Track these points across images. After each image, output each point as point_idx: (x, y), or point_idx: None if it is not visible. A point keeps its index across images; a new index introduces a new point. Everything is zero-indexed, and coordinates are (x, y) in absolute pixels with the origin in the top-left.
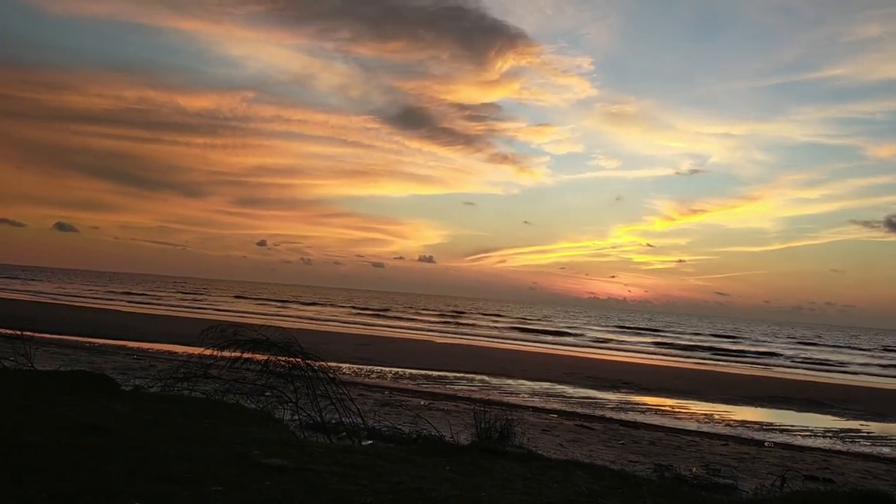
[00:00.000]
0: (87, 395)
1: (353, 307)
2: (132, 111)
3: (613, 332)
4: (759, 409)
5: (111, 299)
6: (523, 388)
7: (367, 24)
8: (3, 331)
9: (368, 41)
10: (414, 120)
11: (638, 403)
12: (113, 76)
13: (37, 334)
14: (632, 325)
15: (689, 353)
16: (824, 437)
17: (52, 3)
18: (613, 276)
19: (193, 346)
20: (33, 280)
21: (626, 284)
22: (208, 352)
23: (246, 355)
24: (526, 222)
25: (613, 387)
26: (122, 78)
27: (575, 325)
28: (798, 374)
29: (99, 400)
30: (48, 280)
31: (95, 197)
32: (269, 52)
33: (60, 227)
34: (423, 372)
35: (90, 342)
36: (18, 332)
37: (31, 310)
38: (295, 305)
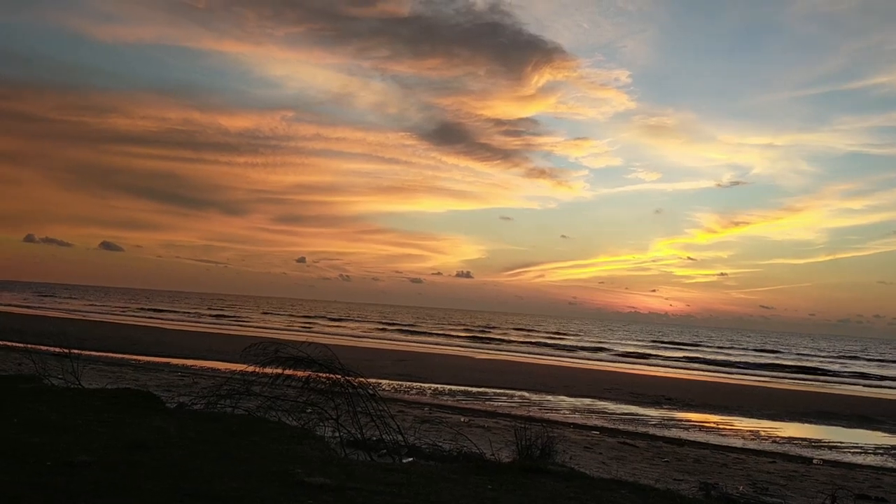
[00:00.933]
0: (133, 413)
1: (392, 322)
2: (176, 132)
3: (654, 346)
4: (806, 425)
5: (154, 317)
6: (564, 405)
7: (404, 42)
8: (52, 349)
9: (405, 59)
10: (451, 136)
11: (681, 420)
12: (157, 98)
13: (84, 352)
14: (673, 340)
15: (732, 368)
16: (875, 454)
17: (99, 29)
18: (654, 291)
19: (235, 362)
20: (80, 298)
21: (667, 298)
22: (250, 369)
23: (287, 372)
24: (563, 236)
25: (656, 403)
26: (166, 100)
27: (615, 339)
28: (846, 388)
29: (144, 418)
30: (94, 298)
31: (140, 216)
32: (309, 71)
33: (106, 246)
34: (463, 388)
35: (135, 359)
36: (67, 350)
37: (79, 328)
38: (334, 321)
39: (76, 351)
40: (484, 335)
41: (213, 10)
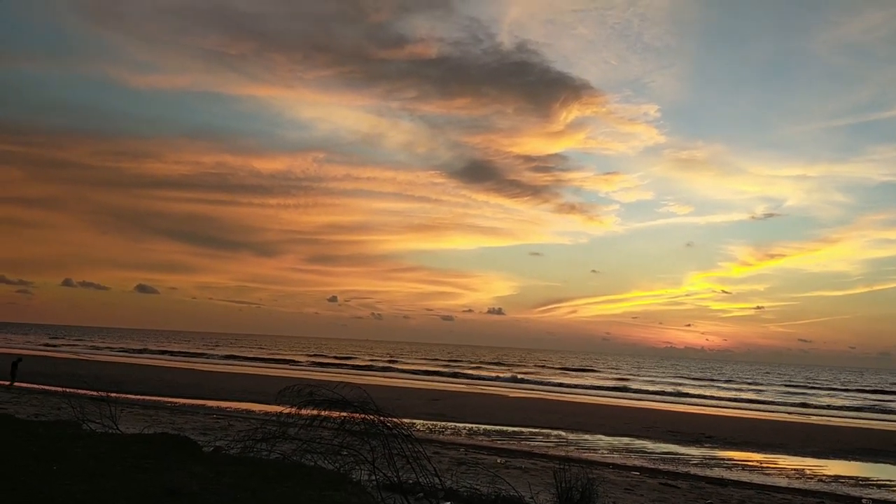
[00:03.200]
0: (170, 458)
1: (425, 358)
2: (210, 175)
3: (691, 382)
4: (853, 462)
5: (189, 359)
6: (602, 444)
7: (433, 83)
8: (90, 392)
9: (434, 99)
10: (480, 173)
11: (723, 458)
12: (191, 143)
13: (121, 395)
14: (711, 375)
15: (773, 404)
16: None
17: (135, 77)
18: (689, 325)
19: (270, 404)
20: (116, 341)
21: (703, 333)
22: (285, 411)
23: (323, 413)
24: (594, 271)
25: (696, 441)
26: (200, 144)
27: (651, 376)
28: (892, 424)
29: (182, 464)
30: (130, 341)
31: (174, 259)
32: (339, 113)
33: (141, 288)
34: (498, 427)
35: (171, 402)
36: (104, 394)
37: (116, 370)
38: (366, 360)
39: (113, 394)
40: (517, 373)
41: (245, 56)
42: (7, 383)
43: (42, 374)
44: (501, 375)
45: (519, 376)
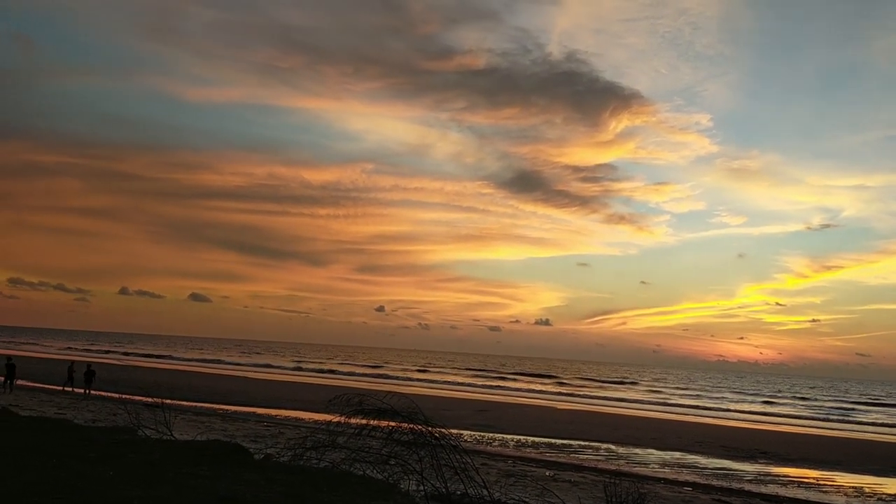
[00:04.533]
0: (222, 465)
1: (470, 370)
2: (262, 186)
3: (744, 396)
4: None
5: (239, 366)
6: (652, 458)
7: (481, 93)
8: (145, 399)
9: (482, 110)
10: (528, 183)
11: (778, 475)
12: (244, 155)
13: (175, 402)
14: (764, 390)
15: (829, 420)
16: None
17: (191, 90)
18: (742, 338)
19: (319, 412)
20: (171, 348)
21: (756, 346)
22: (334, 419)
23: (371, 423)
24: (643, 282)
25: (750, 457)
26: (252, 156)
27: (702, 389)
28: None
29: (234, 471)
30: (184, 348)
31: (227, 268)
32: (388, 124)
33: (195, 297)
34: (546, 440)
35: (223, 409)
36: (159, 401)
37: (170, 378)
38: (413, 370)
39: (168, 401)
40: (566, 384)
41: (296, 69)
42: (82, 390)
43: (98, 381)
44: (548, 388)
45: (567, 388)
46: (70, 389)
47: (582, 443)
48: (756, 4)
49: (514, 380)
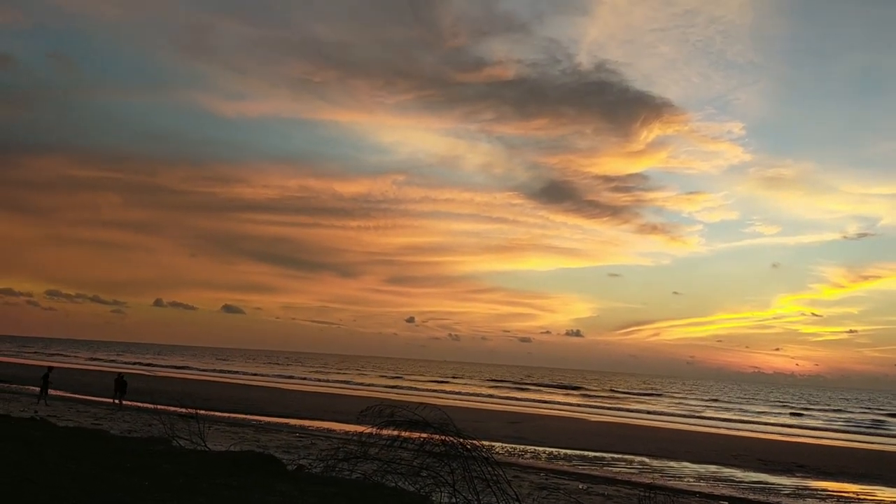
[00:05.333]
0: (255, 476)
1: (502, 382)
2: (294, 199)
3: (780, 408)
4: None
5: (272, 377)
6: (687, 472)
7: (511, 104)
8: (179, 409)
9: (512, 120)
10: (558, 194)
11: (816, 489)
12: (277, 168)
13: (209, 412)
14: (802, 402)
15: (868, 433)
16: None
17: (225, 105)
18: (778, 349)
19: (351, 423)
20: (204, 359)
21: (792, 357)
22: (366, 431)
23: (403, 434)
24: (675, 293)
25: (787, 470)
26: (285, 169)
27: (737, 401)
28: None
29: (267, 482)
30: (217, 359)
31: (260, 280)
32: (418, 136)
33: (228, 308)
34: (579, 452)
35: (255, 419)
36: (193, 411)
37: (203, 388)
38: (445, 381)
39: (202, 412)
40: (597, 396)
41: (328, 83)
42: (117, 402)
43: (133, 391)
44: (580, 400)
45: (599, 400)
46: (118, 402)
47: (615, 455)
48: (788, 11)
49: (546, 391)
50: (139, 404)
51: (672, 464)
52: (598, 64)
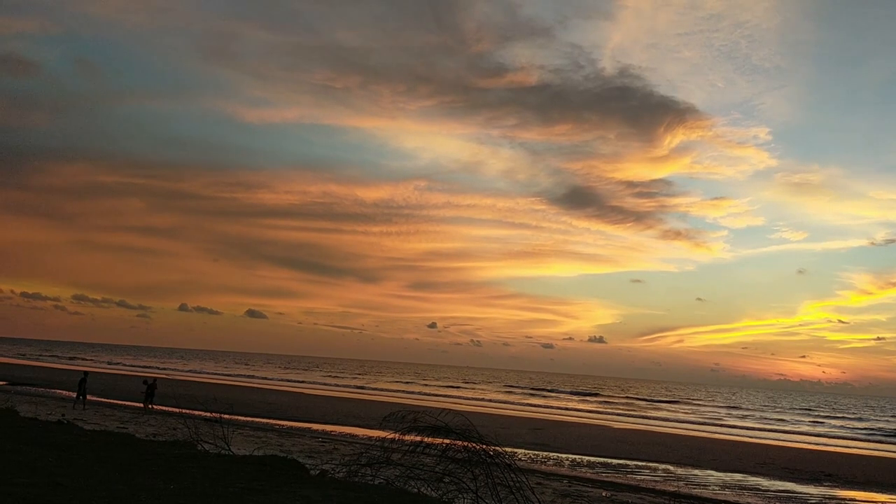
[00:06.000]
0: (279, 481)
1: (525, 388)
2: (316, 205)
3: (807, 416)
4: None
5: (295, 382)
6: (712, 480)
7: (533, 110)
8: (204, 414)
9: (534, 126)
10: (581, 199)
11: (844, 499)
12: (300, 173)
13: (233, 416)
14: (828, 410)
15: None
16: None
17: (249, 112)
18: (804, 356)
19: (373, 429)
20: (228, 364)
21: (819, 365)
22: (389, 436)
23: (426, 440)
24: (699, 299)
25: (814, 479)
26: (307, 175)
27: (762, 408)
28: None
29: (291, 487)
30: (240, 364)
31: (282, 285)
32: (440, 142)
33: (251, 313)
34: (602, 459)
35: (279, 424)
36: (217, 416)
37: (227, 393)
38: (467, 387)
39: (226, 416)
40: (620, 403)
41: (350, 89)
42: (143, 406)
43: (160, 395)
44: (603, 406)
45: (622, 407)
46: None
47: (639, 463)
48: (815, 15)
49: (568, 398)
50: (164, 408)
51: (696, 472)
52: (622, 69)
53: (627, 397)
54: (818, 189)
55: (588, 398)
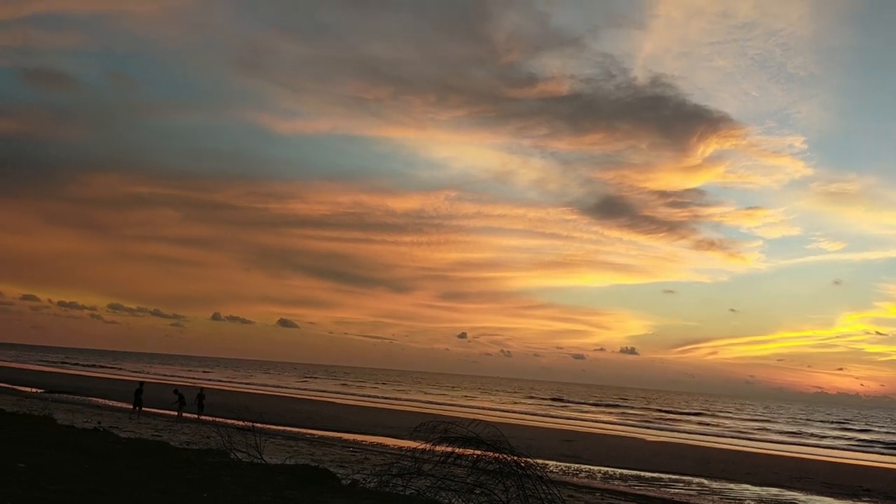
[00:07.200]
0: (311, 490)
1: (554, 399)
2: (347, 215)
3: (843, 429)
4: None
5: (326, 391)
6: (748, 494)
7: (564, 119)
8: (237, 422)
9: (565, 136)
10: (613, 209)
11: None
12: (331, 184)
13: (265, 425)
14: (866, 423)
15: None
16: None
17: (281, 123)
18: (841, 369)
19: (404, 439)
20: (260, 373)
21: (857, 377)
22: (420, 447)
23: (457, 451)
24: (732, 310)
25: (853, 494)
26: (338, 185)
27: (799, 421)
28: None
29: (322, 495)
30: (272, 373)
31: (314, 295)
32: (470, 152)
33: (283, 323)
34: (635, 472)
35: (310, 433)
36: (250, 424)
37: (259, 402)
38: (497, 398)
39: (258, 425)
40: (653, 414)
41: (381, 100)
42: (177, 415)
43: (192, 404)
44: (636, 418)
45: (655, 418)
46: (199, 416)
47: (672, 476)
48: (849, 22)
49: (600, 409)
50: (191, 416)
51: (731, 486)
52: (654, 78)
53: (660, 409)
54: (855, 198)
55: (619, 409)
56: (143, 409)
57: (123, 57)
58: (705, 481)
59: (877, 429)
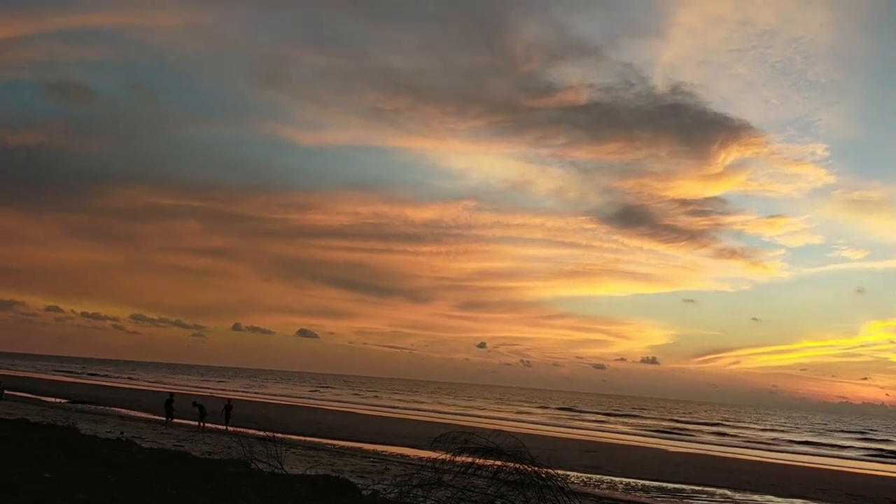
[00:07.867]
0: (331, 500)
1: (575, 409)
2: (367, 225)
3: (868, 440)
4: None
5: (347, 401)
6: None
7: (583, 128)
8: (257, 433)
9: (584, 145)
10: (633, 218)
11: None
12: (351, 195)
13: (286, 435)
14: (890, 434)
15: None
16: None
17: (302, 134)
18: (866, 378)
19: (424, 449)
20: (281, 383)
21: (882, 387)
22: (440, 457)
23: (477, 461)
24: (754, 319)
25: None
26: (358, 196)
27: (823, 432)
28: None
29: None
30: (293, 383)
31: (334, 305)
32: (489, 162)
33: (303, 333)
34: (657, 483)
35: (330, 444)
36: (271, 435)
37: (280, 412)
38: (516, 408)
39: (279, 435)
40: (676, 424)
41: (400, 110)
42: (198, 425)
43: (214, 414)
44: (657, 429)
45: (678, 429)
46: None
47: (695, 487)
48: (870, 29)
49: (623, 420)
50: (219, 426)
51: (755, 497)
52: (674, 86)
53: (682, 419)
54: (878, 206)
55: (640, 419)
56: (156, 417)
57: (145, 70)
58: (729, 492)
59: None
